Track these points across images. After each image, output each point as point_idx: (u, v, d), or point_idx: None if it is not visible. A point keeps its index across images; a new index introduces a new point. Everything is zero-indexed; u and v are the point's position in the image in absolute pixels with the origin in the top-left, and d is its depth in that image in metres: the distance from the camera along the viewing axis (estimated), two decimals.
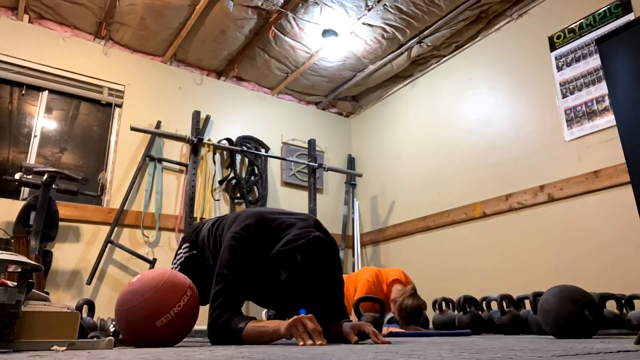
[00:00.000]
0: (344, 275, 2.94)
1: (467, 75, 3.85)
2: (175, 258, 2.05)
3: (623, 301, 2.32)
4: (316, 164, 4.35)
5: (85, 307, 2.33)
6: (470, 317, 2.79)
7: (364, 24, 3.69)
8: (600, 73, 2.85)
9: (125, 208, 3.55)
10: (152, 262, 3.43)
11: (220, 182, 4.11)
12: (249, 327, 1.52)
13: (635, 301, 2.33)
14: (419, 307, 2.70)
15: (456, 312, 2.94)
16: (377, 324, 2.24)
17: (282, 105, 4.76)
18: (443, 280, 3.67)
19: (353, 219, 4.60)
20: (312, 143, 4.51)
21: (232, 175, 4.14)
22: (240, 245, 1.66)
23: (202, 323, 1.72)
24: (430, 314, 3.21)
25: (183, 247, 2.03)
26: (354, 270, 4.36)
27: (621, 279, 2.57)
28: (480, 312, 2.87)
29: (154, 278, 1.56)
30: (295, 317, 1.44)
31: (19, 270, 1.28)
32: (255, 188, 4.25)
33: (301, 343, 1.36)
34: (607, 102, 2.80)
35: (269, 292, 1.69)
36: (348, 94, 4.89)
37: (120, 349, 1.42)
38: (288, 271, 1.54)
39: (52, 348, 1.24)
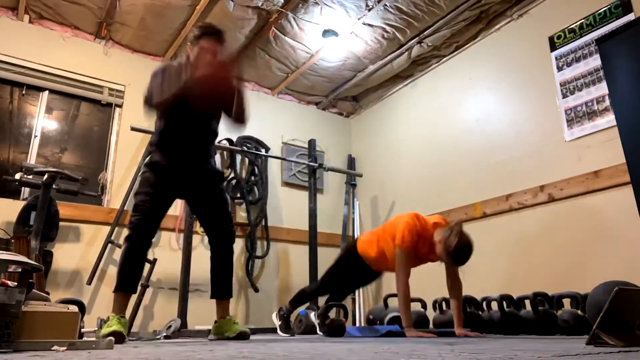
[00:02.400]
0: (372, 231, 2.88)
1: (467, 75, 3.85)
2: None
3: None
4: (316, 164, 4.35)
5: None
6: (471, 317, 2.80)
7: (364, 24, 3.69)
8: (601, 73, 2.85)
9: (125, 208, 3.55)
10: (152, 262, 3.43)
11: None
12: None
13: None
14: (469, 244, 2.39)
15: None
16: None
17: (282, 105, 4.76)
18: (443, 280, 3.67)
19: (353, 219, 4.60)
20: (312, 143, 4.51)
21: (232, 175, 4.14)
22: None
23: (206, 323, 1.72)
24: (430, 314, 3.22)
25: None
26: None
27: (622, 279, 2.56)
28: (480, 313, 2.87)
29: None
30: None
31: (19, 270, 1.28)
32: (255, 188, 4.24)
33: None
34: (607, 102, 2.80)
35: None
36: (348, 94, 4.89)
37: (121, 349, 1.42)
38: None
39: (52, 348, 1.24)
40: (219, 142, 4.12)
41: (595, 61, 2.91)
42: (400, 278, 2.51)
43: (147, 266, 3.45)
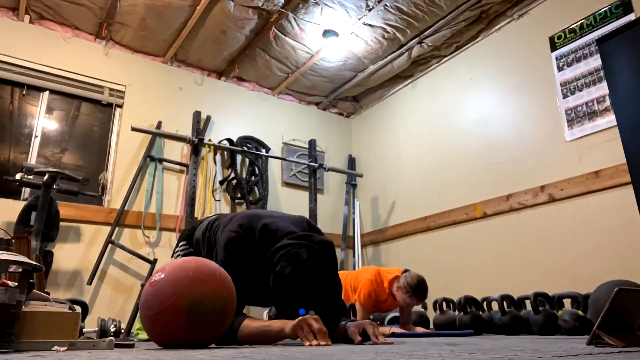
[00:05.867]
0: (341, 273, 2.93)
1: (467, 75, 3.85)
2: (173, 255, 2.05)
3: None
4: (317, 164, 4.35)
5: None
6: (471, 317, 2.79)
7: (365, 24, 3.69)
8: (601, 73, 2.85)
9: (125, 208, 3.55)
10: (152, 263, 3.43)
11: (221, 183, 4.11)
12: (253, 327, 1.50)
13: None
14: (423, 280, 2.77)
15: (457, 312, 2.94)
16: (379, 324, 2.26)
17: (282, 105, 4.76)
18: (443, 280, 3.67)
19: (354, 219, 4.60)
20: (312, 143, 4.51)
21: (232, 175, 4.15)
22: (236, 243, 1.63)
23: None
24: (430, 314, 3.22)
25: (180, 244, 2.01)
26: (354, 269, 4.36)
27: (622, 279, 2.56)
28: (480, 313, 2.87)
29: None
30: (300, 317, 1.42)
31: (20, 270, 1.28)
32: (255, 188, 4.25)
33: (307, 343, 1.35)
34: (607, 102, 2.80)
35: (268, 290, 1.62)
36: (349, 94, 4.89)
37: (121, 349, 1.42)
38: (293, 265, 1.49)
39: (52, 348, 1.24)
40: (219, 142, 4.12)
41: (595, 61, 2.91)
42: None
43: (147, 266, 3.46)
